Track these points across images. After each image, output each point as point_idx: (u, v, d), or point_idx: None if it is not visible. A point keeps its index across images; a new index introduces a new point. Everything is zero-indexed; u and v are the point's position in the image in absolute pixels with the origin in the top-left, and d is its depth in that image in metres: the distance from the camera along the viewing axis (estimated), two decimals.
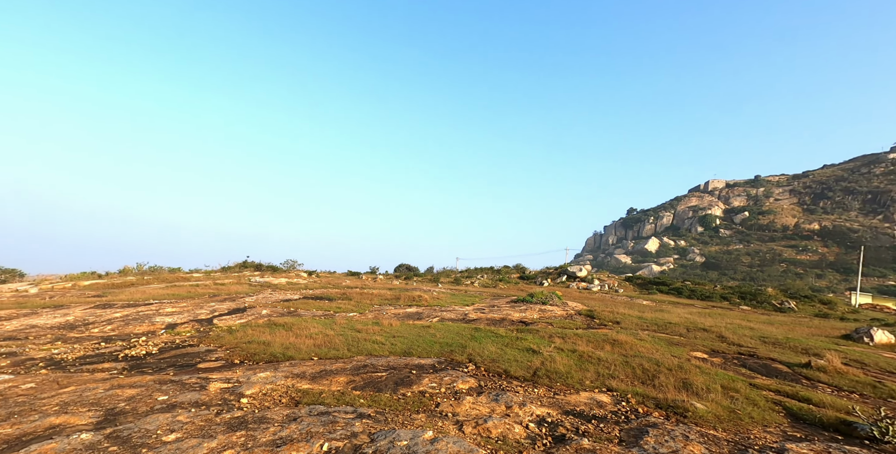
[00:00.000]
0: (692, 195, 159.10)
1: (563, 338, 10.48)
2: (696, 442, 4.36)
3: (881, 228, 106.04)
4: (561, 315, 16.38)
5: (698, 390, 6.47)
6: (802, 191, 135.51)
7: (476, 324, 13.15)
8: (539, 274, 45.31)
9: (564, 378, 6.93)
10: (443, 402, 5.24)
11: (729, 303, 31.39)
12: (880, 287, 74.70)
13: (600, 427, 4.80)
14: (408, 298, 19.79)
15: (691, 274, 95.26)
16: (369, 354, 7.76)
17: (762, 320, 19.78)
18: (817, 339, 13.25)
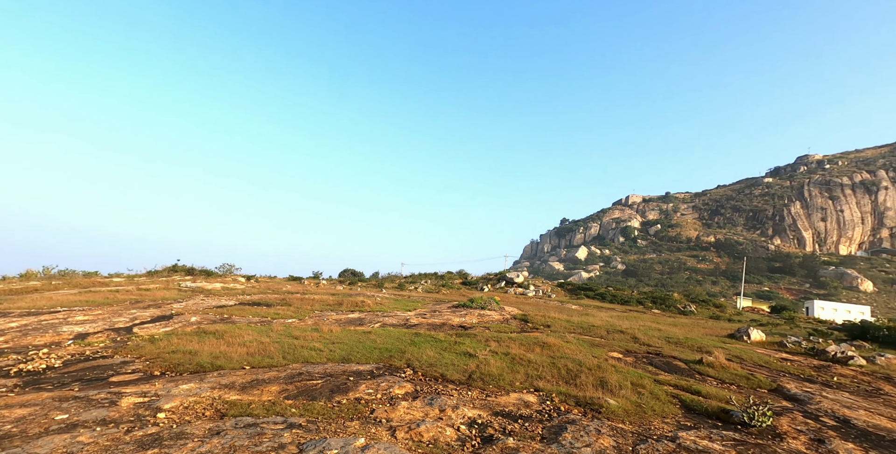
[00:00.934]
0: (615, 208, 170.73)
1: (499, 341, 10.73)
2: (607, 435, 4.67)
3: (759, 242, 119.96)
4: (498, 319, 16.79)
5: (612, 387, 6.91)
6: (702, 207, 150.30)
7: (417, 329, 13.13)
8: (480, 279, 46.14)
9: (497, 380, 7.11)
10: (378, 408, 5.18)
11: (643, 307, 33.85)
12: (758, 292, 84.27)
13: (525, 426, 4.99)
14: (350, 304, 19.35)
15: (614, 280, 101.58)
16: (306, 362, 7.47)
17: (668, 322, 21.55)
18: (709, 339, 14.68)
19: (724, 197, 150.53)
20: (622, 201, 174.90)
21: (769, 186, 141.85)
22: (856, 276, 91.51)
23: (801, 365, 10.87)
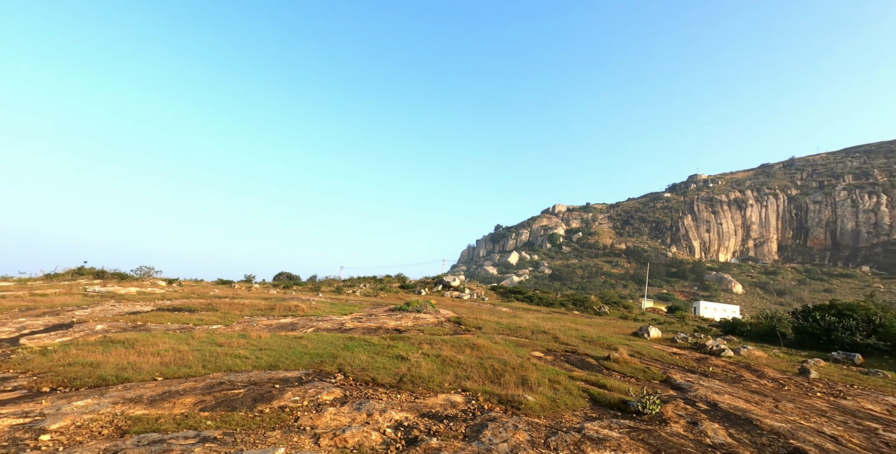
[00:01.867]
0: (544, 216, 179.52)
1: (431, 344, 10.75)
2: (523, 430, 4.87)
3: (660, 249, 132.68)
4: (433, 322, 16.82)
5: (532, 385, 7.22)
6: (616, 217, 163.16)
7: (352, 333, 12.78)
8: (418, 283, 45.98)
9: (427, 382, 7.12)
10: (303, 416, 4.96)
11: (565, 308, 35.79)
12: (659, 294, 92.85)
13: (450, 425, 5.05)
14: (283, 308, 18.38)
15: (541, 284, 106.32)
16: (229, 370, 6.95)
17: (585, 322, 22.98)
18: (617, 337, 15.86)
19: (634, 209, 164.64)
20: (549, 210, 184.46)
21: (668, 201, 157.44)
22: (730, 280, 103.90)
23: (686, 358, 12.12)
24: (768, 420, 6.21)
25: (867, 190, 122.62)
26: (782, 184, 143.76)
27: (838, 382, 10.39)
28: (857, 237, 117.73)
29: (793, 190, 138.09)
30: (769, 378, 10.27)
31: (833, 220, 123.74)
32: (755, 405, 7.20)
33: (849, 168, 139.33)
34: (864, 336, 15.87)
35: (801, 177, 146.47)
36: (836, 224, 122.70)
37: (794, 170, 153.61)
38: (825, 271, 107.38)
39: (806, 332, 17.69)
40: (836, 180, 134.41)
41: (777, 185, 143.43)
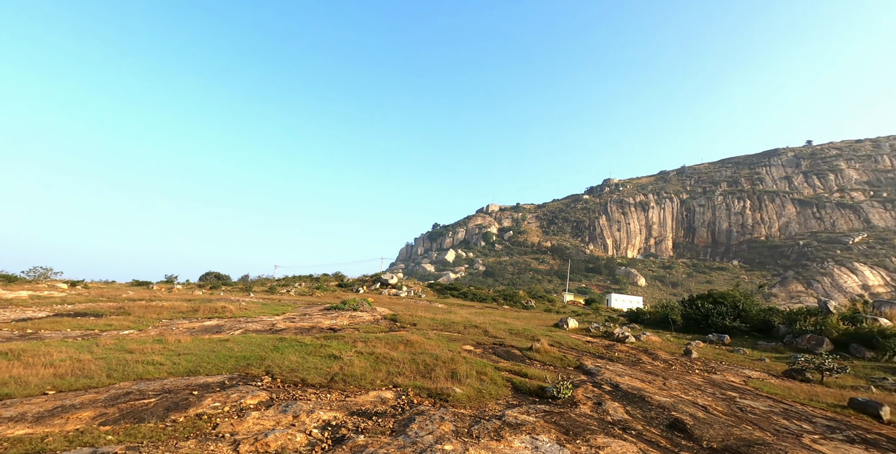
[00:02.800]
0: (479, 215, 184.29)
1: (365, 342, 10.55)
2: (449, 421, 4.97)
3: (580, 247, 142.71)
4: (369, 320, 16.51)
5: (461, 377, 7.37)
6: (542, 217, 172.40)
7: (283, 333, 12.13)
8: (356, 281, 44.84)
9: (359, 380, 6.97)
10: (223, 422, 4.62)
11: (496, 303, 37.05)
12: (579, 288, 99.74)
13: (378, 422, 5.00)
14: (209, 310, 16.98)
15: (476, 280, 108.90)
16: (139, 379, 6.25)
17: (514, 316, 23.99)
18: (541, 328, 16.75)
19: (558, 209, 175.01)
20: (484, 209, 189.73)
21: (586, 202, 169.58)
22: (636, 274, 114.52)
23: (597, 345, 13.15)
24: (657, 396, 6.94)
25: (736, 195, 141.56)
26: (676, 189, 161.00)
27: (711, 360, 11.92)
28: (729, 236, 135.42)
29: (684, 194, 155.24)
30: (661, 359, 11.48)
31: (713, 221, 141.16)
32: (648, 384, 8.01)
33: (724, 176, 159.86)
34: (731, 319, 18.35)
35: (690, 183, 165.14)
36: (715, 224, 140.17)
37: (684, 177, 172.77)
38: (707, 265, 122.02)
39: (691, 318, 20.02)
40: (715, 187, 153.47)
41: (672, 189, 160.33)
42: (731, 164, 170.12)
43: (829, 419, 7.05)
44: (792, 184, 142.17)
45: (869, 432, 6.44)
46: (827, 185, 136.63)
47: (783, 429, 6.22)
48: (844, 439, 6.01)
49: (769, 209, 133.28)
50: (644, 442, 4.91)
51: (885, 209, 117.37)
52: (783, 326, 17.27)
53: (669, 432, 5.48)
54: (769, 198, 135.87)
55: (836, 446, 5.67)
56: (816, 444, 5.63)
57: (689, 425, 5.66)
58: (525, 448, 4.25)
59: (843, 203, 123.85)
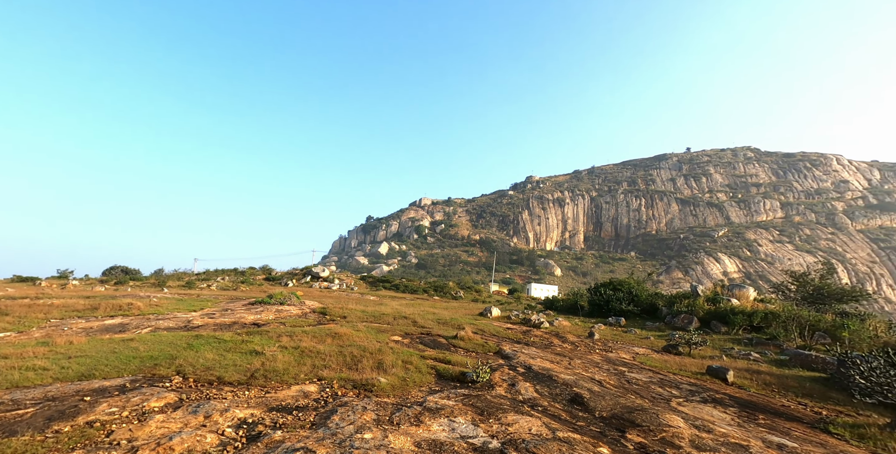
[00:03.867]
0: (411, 208, 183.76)
1: (291, 336, 10.07)
2: (371, 410, 4.95)
3: (505, 240, 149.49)
4: (296, 314, 15.72)
5: (387, 367, 7.36)
6: (472, 211, 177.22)
7: (200, 330, 11.09)
8: (285, 275, 42.35)
9: (281, 375, 6.63)
10: (120, 429, 4.11)
11: (427, 295, 37.41)
12: (504, 279, 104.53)
13: (299, 416, 4.81)
14: (111, 307, 14.94)
15: (408, 272, 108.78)
16: (14, 387, 5.30)
17: (443, 306, 24.44)
18: (467, 317, 17.30)
19: (486, 204, 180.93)
20: (417, 203, 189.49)
21: (511, 198, 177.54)
22: (553, 265, 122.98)
23: (516, 331, 13.94)
24: (562, 375, 7.57)
25: (634, 194, 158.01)
26: (587, 187, 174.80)
27: (609, 340, 13.26)
28: (629, 230, 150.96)
29: (593, 192, 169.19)
30: (569, 342, 12.50)
31: (616, 217, 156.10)
32: (556, 364, 8.69)
33: (625, 177, 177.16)
34: (626, 304, 20.55)
35: (598, 182, 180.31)
36: (618, 220, 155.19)
37: (594, 176, 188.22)
38: (611, 256, 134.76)
39: (595, 304, 22.04)
40: (618, 186, 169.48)
41: (584, 187, 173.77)
42: (630, 165, 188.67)
43: (692, 384, 8.25)
44: (676, 185, 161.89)
45: (718, 393, 7.65)
46: (700, 186, 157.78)
47: (658, 395, 7.14)
48: (700, 400, 7.07)
49: (659, 207, 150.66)
50: (548, 416, 5.33)
51: (739, 208, 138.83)
52: (665, 308, 19.75)
53: (570, 406, 6.01)
54: (659, 197, 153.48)
55: (695, 406, 6.65)
56: (681, 406, 6.55)
57: (586, 398, 6.26)
58: (442, 430, 4.38)
59: (711, 202, 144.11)
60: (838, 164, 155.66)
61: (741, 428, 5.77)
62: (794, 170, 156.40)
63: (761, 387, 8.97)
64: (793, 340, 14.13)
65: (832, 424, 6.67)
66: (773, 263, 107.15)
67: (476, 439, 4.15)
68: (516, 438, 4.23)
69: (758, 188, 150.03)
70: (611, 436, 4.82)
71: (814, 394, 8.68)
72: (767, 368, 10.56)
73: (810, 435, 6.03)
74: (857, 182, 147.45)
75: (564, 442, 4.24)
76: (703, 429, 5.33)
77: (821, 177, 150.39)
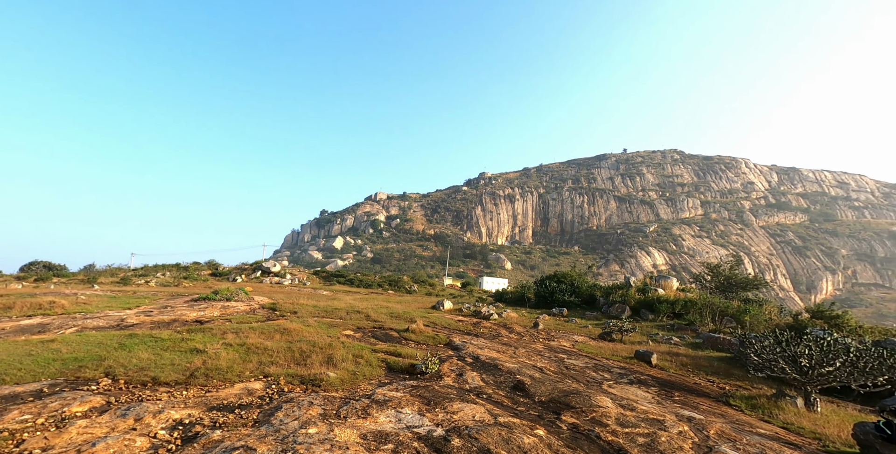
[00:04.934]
0: (367, 202, 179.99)
1: (237, 332, 9.53)
2: (318, 405, 4.83)
3: (459, 234, 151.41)
4: (244, 310, 14.88)
5: (337, 362, 7.20)
6: (427, 206, 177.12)
7: (134, 329, 10.17)
8: (233, 270, 39.87)
9: (225, 373, 6.27)
10: (33, 437, 3.68)
11: (382, 289, 36.95)
12: (457, 273, 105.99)
13: (241, 414, 4.59)
14: (30, 306, 13.28)
15: (364, 267, 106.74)
16: None
17: (397, 300, 24.28)
18: (419, 311, 17.33)
19: (440, 199, 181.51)
20: (372, 197, 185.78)
21: (465, 193, 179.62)
22: (504, 259, 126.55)
23: (467, 323, 14.21)
24: (507, 363, 7.85)
25: (578, 192, 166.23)
26: (535, 184, 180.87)
27: (552, 330, 13.92)
28: (573, 225, 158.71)
29: (541, 189, 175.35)
30: (516, 332, 12.96)
31: (561, 213, 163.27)
32: (502, 354, 8.99)
33: (570, 175, 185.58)
34: (569, 295, 21.66)
35: (546, 179, 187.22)
36: (563, 216, 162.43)
37: (542, 173, 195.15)
38: (556, 250, 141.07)
39: (541, 296, 23.00)
40: (563, 183, 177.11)
41: (532, 184, 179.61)
42: (575, 164, 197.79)
43: (621, 368, 8.92)
44: (614, 183, 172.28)
45: (642, 375, 8.33)
46: (635, 185, 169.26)
47: (592, 379, 7.64)
48: (628, 382, 7.66)
49: (599, 204, 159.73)
50: (491, 403, 5.52)
51: (667, 206, 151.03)
52: (602, 299, 21.09)
53: (513, 393, 6.25)
54: (599, 194, 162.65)
55: (623, 387, 7.20)
56: (611, 388, 7.06)
57: (528, 385, 6.55)
58: (389, 421, 4.39)
59: (644, 200, 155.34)
60: (746, 167, 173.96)
61: (659, 405, 6.33)
62: (712, 171, 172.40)
63: (679, 367, 9.90)
64: (706, 325, 15.70)
65: (732, 397, 7.52)
66: (693, 256, 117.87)
67: (421, 428, 4.20)
68: (460, 425, 4.34)
69: (682, 187, 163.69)
70: (547, 418, 5.09)
71: (720, 372, 9.73)
72: (685, 351, 11.66)
73: (714, 407, 6.76)
74: (761, 183, 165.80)
75: (504, 426, 4.42)
76: (628, 407, 5.78)
77: (732, 178, 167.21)
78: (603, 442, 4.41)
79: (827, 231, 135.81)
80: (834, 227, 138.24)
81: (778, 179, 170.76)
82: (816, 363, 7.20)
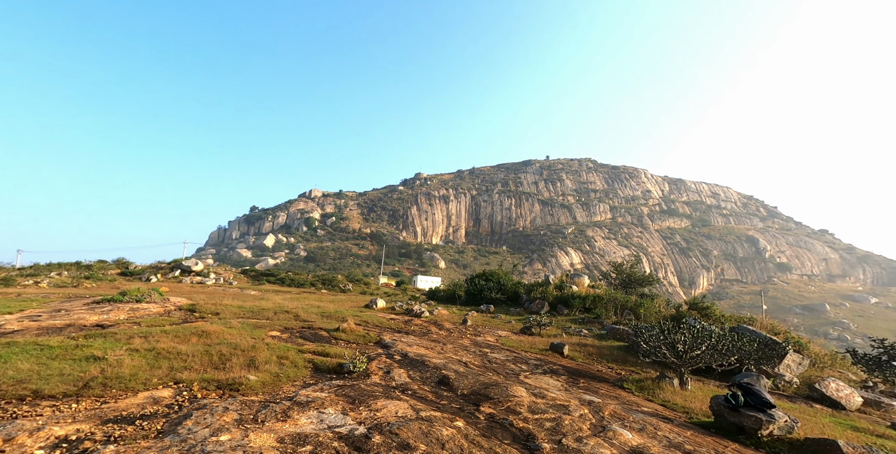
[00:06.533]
0: (301, 199, 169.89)
1: (146, 337, 8.49)
2: (234, 410, 4.49)
3: (395, 234, 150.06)
4: (157, 312, 13.21)
5: (259, 364, 6.75)
6: (363, 205, 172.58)
7: (15, 336, 8.53)
8: (148, 269, 35.17)
9: (127, 381, 5.55)
10: None
11: (315, 288, 35.24)
12: (393, 271, 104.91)
13: (142, 425, 4.10)
14: None
15: (297, 266, 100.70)
16: None
17: (330, 299, 23.33)
18: (352, 309, 16.86)
19: (377, 198, 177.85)
20: (307, 194, 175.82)
21: (401, 193, 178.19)
22: (438, 258, 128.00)
23: (398, 321, 14.14)
24: (435, 359, 7.99)
25: (507, 194, 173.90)
26: (468, 186, 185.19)
27: (480, 326, 14.43)
28: (502, 226, 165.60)
29: (473, 191, 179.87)
30: (445, 329, 13.21)
31: (492, 214, 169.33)
32: (430, 350, 9.12)
33: (500, 178, 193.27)
34: (496, 293, 22.60)
35: (478, 182, 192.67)
36: (493, 217, 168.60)
37: (474, 176, 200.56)
38: (487, 250, 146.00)
39: (471, 293, 23.67)
40: (494, 186, 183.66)
41: (466, 186, 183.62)
42: (504, 168, 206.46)
43: (538, 360, 9.56)
44: (538, 187, 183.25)
45: (555, 365, 9.03)
46: (556, 190, 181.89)
47: (511, 371, 8.08)
48: (542, 372, 8.24)
49: (525, 206, 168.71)
50: (416, 399, 5.58)
51: (583, 210, 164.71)
52: (525, 296, 22.35)
53: (437, 387, 6.38)
54: (525, 197, 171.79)
55: (537, 377, 7.73)
56: (527, 379, 7.54)
57: (452, 379, 6.73)
58: (310, 423, 4.23)
59: (563, 204, 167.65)
60: (645, 176, 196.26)
61: (567, 391, 6.91)
62: (619, 180, 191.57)
63: (586, 357, 10.88)
64: (610, 318, 17.45)
65: (626, 381, 8.46)
66: (603, 256, 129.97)
67: (343, 428, 4.12)
68: (382, 422, 4.33)
69: (595, 193, 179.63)
70: (467, 410, 5.28)
71: (619, 359, 10.89)
72: (592, 341, 12.84)
73: (611, 391, 7.56)
74: (656, 192, 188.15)
75: (426, 420, 4.51)
76: (539, 395, 6.23)
77: (635, 186, 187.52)
78: (515, 429, 4.70)
79: (704, 235, 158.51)
80: (709, 231, 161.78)
81: (669, 189, 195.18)
82: (689, 348, 8.41)
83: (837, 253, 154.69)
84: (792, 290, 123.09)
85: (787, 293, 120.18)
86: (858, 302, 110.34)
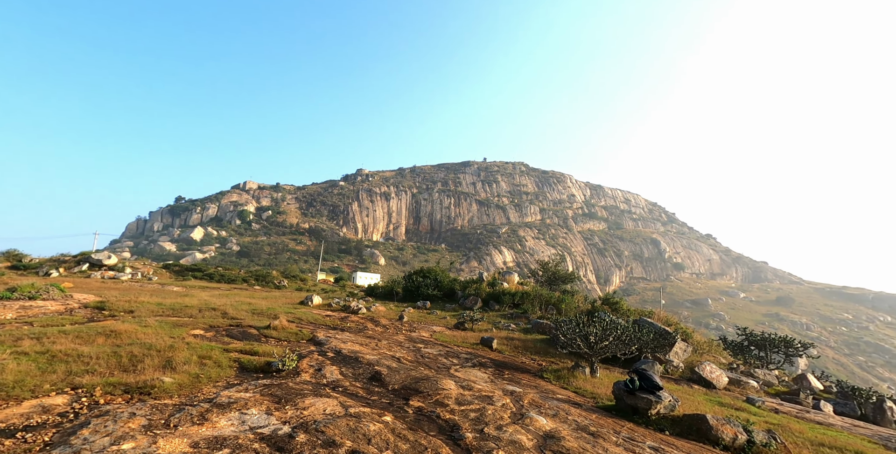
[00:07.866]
0: (234, 191, 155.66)
1: (39, 338, 7.33)
2: (141, 416, 4.07)
3: (335, 229, 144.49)
4: (56, 310, 11.30)
5: (177, 365, 6.16)
6: (302, 199, 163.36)
7: None
8: (48, 262, 29.82)
9: (10, 389, 4.78)
10: None
11: (247, 284, 32.64)
12: (332, 268, 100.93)
13: (26, 438, 3.55)
14: None
15: (228, 261, 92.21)
16: None
17: (262, 296, 21.78)
18: (286, 306, 15.94)
19: (317, 192, 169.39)
20: (241, 186, 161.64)
21: (342, 188, 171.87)
22: (378, 255, 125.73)
23: (335, 318, 13.71)
24: (368, 355, 7.92)
25: (446, 194, 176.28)
26: (409, 184, 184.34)
27: (416, 321, 14.54)
28: (441, 224, 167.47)
29: (414, 189, 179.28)
30: (381, 325, 13.10)
31: (432, 213, 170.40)
32: (365, 346, 9.01)
33: (440, 177, 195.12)
34: (432, 289, 22.90)
35: (418, 180, 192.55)
36: (433, 215, 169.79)
37: (415, 174, 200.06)
38: (426, 247, 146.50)
39: (408, 290, 23.69)
40: (434, 185, 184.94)
41: (407, 184, 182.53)
42: (444, 168, 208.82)
43: (468, 353, 9.92)
44: (476, 188, 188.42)
45: (484, 358, 9.45)
46: (492, 191, 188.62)
47: (442, 365, 8.30)
48: (471, 365, 8.59)
49: (464, 206, 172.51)
50: (346, 395, 5.51)
51: (516, 211, 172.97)
52: (460, 292, 22.95)
53: (369, 383, 6.35)
54: (464, 197, 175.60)
55: (466, 371, 8.04)
56: (457, 372, 7.81)
57: (384, 375, 6.74)
58: (231, 425, 3.99)
59: (498, 205, 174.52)
60: (570, 182, 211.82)
61: (492, 383, 7.30)
62: (548, 184, 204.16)
63: (512, 350, 11.52)
64: (536, 312, 18.63)
65: (546, 371, 9.15)
66: (533, 255, 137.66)
67: (266, 428, 3.95)
68: (309, 421, 4.23)
69: (526, 196, 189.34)
70: (397, 405, 5.35)
71: (541, 352, 11.69)
72: (518, 335, 13.62)
73: (532, 381, 8.13)
74: (579, 196, 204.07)
75: (354, 416, 4.49)
76: (467, 388, 6.50)
77: (561, 190, 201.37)
78: (442, 421, 4.86)
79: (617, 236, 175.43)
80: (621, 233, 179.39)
81: (590, 194, 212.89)
82: (599, 339, 9.33)
83: (718, 254, 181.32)
84: (684, 287, 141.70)
85: (680, 289, 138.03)
86: (731, 296, 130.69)
